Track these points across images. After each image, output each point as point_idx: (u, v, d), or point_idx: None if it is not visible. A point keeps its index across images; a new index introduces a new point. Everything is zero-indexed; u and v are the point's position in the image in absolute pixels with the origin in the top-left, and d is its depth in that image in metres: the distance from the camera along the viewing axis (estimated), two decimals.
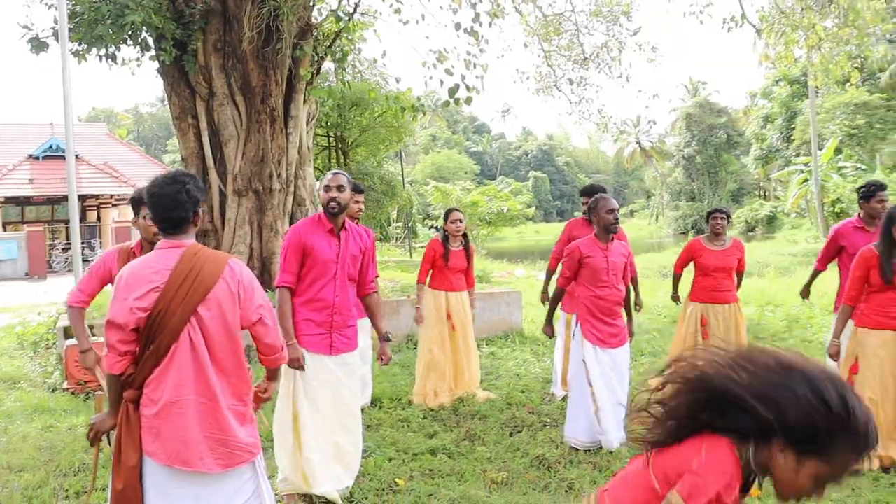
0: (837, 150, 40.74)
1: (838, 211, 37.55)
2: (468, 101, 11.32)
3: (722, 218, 7.70)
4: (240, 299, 3.36)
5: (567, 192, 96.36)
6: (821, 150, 39.98)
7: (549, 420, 6.64)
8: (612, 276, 6.03)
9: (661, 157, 74.06)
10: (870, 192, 6.58)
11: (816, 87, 36.27)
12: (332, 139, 24.52)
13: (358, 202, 6.91)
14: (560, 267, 6.54)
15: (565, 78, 19.11)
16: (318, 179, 24.38)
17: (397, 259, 24.05)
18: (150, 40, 11.32)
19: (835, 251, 6.82)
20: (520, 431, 6.59)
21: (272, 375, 3.80)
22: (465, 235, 7.89)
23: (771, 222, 53.76)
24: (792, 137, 48.55)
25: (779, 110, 53.57)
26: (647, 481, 2.15)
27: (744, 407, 1.96)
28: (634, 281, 6.96)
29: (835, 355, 5.74)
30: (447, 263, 7.68)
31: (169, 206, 3.34)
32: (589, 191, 7.59)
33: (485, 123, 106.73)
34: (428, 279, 7.88)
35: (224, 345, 3.33)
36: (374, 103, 19.13)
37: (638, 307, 7.59)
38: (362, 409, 7.20)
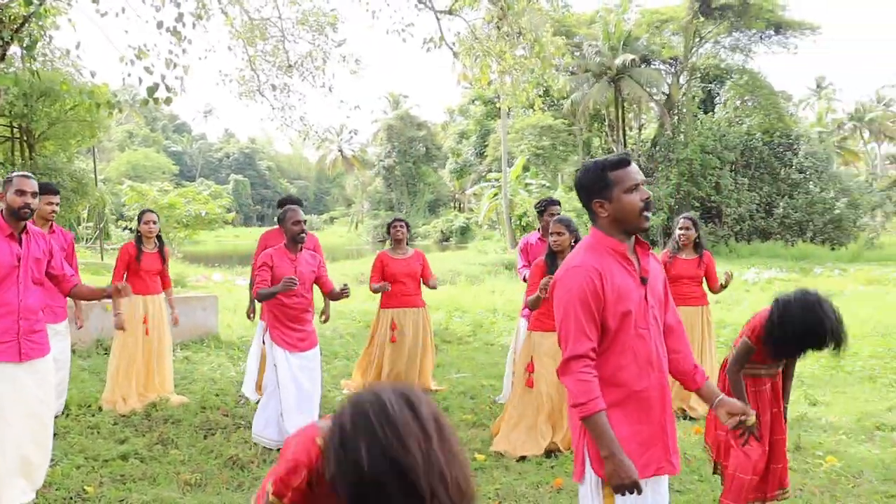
0: (525, 168, 43.70)
1: (525, 224, 40.33)
2: (167, 101, 11.08)
3: (401, 226, 8.24)
4: None
5: (268, 196, 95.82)
6: (511, 167, 42.76)
7: (242, 422, 6.74)
8: (299, 284, 6.21)
9: (363, 166, 75.66)
10: (543, 208, 7.48)
11: (508, 108, 38.76)
12: (16, 130, 22.94)
13: (51, 203, 6.69)
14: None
15: (269, 83, 19.17)
16: None
17: (87, 261, 22.89)
18: None
19: (527, 261, 7.54)
20: (213, 434, 6.63)
21: None
22: (159, 237, 7.80)
23: (464, 233, 56.58)
24: (485, 154, 51.45)
25: (474, 128, 56.58)
26: (264, 482, 2.36)
27: None
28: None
29: None
30: (140, 266, 7.57)
31: None
32: (282, 202, 7.76)
33: (186, 123, 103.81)
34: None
35: None
36: (66, 95, 18.15)
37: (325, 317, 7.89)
38: (54, 418, 6.93)
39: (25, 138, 23.16)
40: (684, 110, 41.58)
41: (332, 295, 6.61)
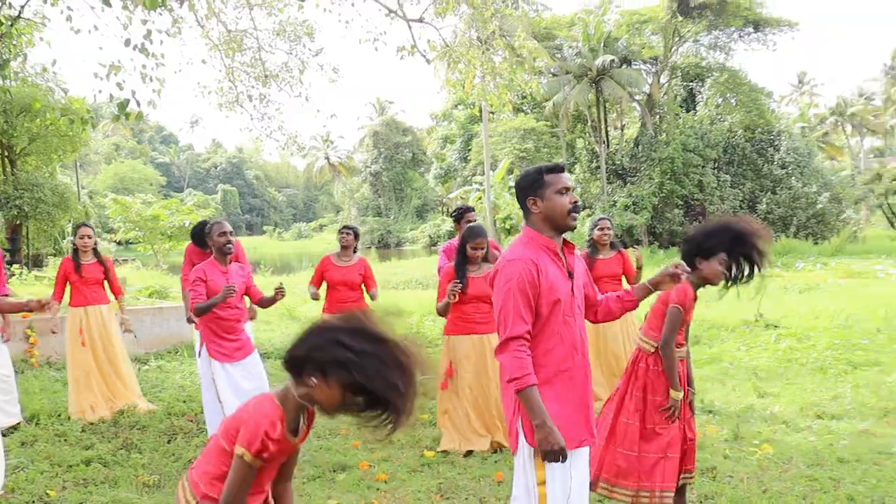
0: (510, 171, 43.94)
1: (509, 227, 40.61)
2: (139, 116, 11.27)
3: (348, 233, 8.39)
4: None
5: (256, 205, 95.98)
6: (495, 170, 43.01)
7: (206, 427, 6.95)
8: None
9: (349, 172, 75.84)
10: (459, 215, 7.60)
11: (492, 111, 38.98)
12: None
13: None
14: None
15: (247, 94, 19.32)
16: None
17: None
18: None
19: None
20: (176, 438, 6.87)
21: None
22: (95, 250, 8.00)
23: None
24: (469, 158, 51.71)
25: (457, 132, 56.82)
26: (219, 445, 2.68)
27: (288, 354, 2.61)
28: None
29: None
30: (81, 276, 7.80)
31: None
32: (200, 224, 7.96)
33: (172, 134, 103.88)
34: (67, 297, 7.96)
35: None
36: (45, 111, 18.34)
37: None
38: (16, 427, 7.14)
39: (7, 154, 23.36)
40: (665, 109, 41.93)
41: (262, 302, 6.78)
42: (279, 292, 6.30)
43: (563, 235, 3.59)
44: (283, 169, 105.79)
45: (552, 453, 3.24)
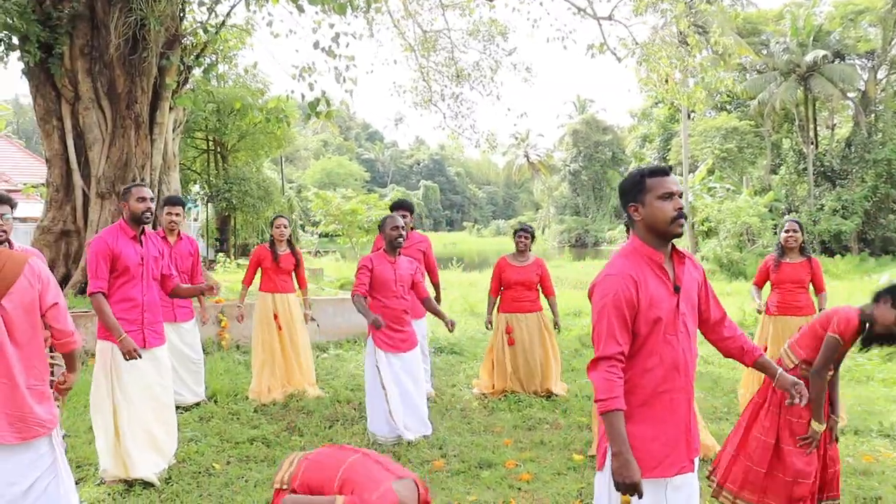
0: (711, 171, 42.60)
1: (707, 229, 39.39)
2: (329, 115, 11.84)
3: (525, 236, 8.52)
4: (39, 292, 3.83)
5: (457, 202, 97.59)
6: (695, 171, 41.80)
7: (367, 415, 7.24)
8: (399, 286, 6.65)
9: (548, 171, 75.78)
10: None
11: (691, 110, 37.98)
12: (210, 143, 24.84)
13: (171, 213, 7.62)
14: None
15: (440, 93, 19.79)
16: (194, 183, 24.53)
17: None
18: (15, 40, 11.52)
19: None
20: (337, 424, 7.20)
21: (71, 366, 4.14)
22: (289, 241, 8.46)
23: None
24: (668, 157, 50.52)
25: (657, 131, 55.65)
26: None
27: None
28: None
29: None
30: (278, 265, 8.27)
31: None
32: (393, 206, 8.17)
33: (378, 131, 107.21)
34: (258, 282, 8.49)
35: (25, 332, 3.73)
36: (251, 111, 19.53)
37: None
38: (198, 404, 7.73)
39: (219, 150, 25.03)
40: (882, 107, 39.45)
41: (425, 302, 7.04)
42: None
43: (674, 243, 3.32)
44: (484, 166, 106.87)
45: (624, 486, 3.04)
